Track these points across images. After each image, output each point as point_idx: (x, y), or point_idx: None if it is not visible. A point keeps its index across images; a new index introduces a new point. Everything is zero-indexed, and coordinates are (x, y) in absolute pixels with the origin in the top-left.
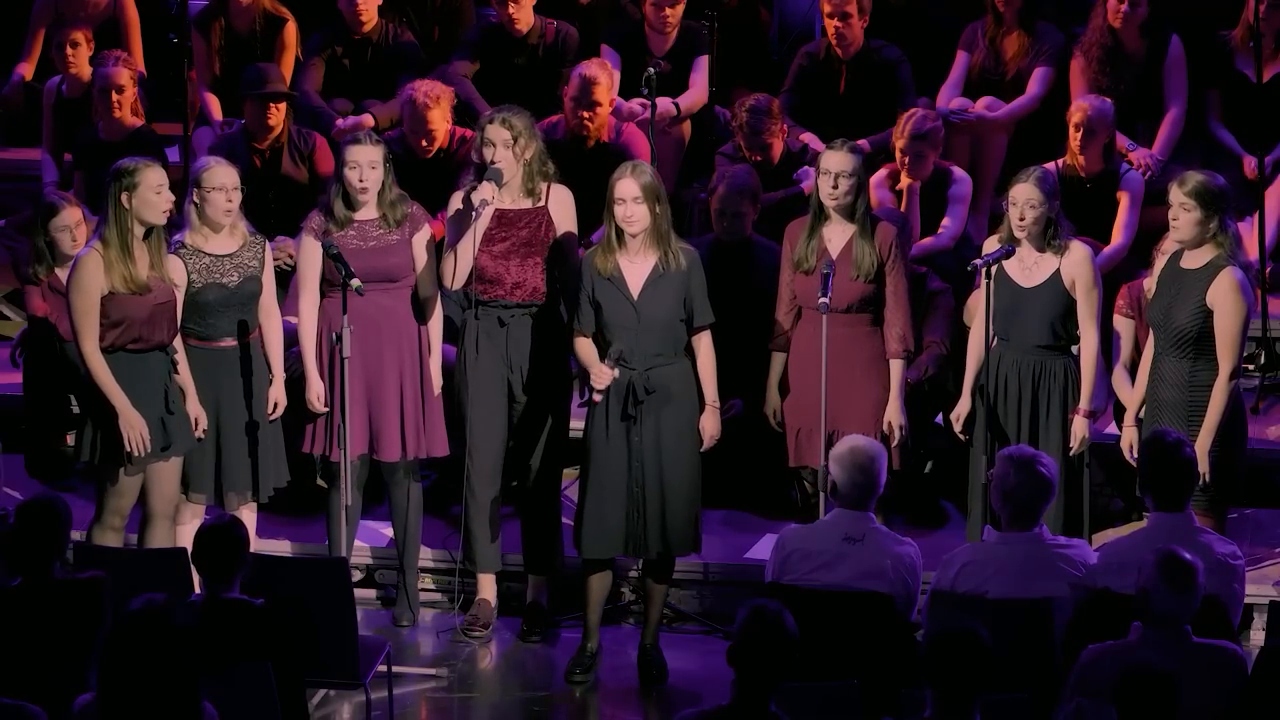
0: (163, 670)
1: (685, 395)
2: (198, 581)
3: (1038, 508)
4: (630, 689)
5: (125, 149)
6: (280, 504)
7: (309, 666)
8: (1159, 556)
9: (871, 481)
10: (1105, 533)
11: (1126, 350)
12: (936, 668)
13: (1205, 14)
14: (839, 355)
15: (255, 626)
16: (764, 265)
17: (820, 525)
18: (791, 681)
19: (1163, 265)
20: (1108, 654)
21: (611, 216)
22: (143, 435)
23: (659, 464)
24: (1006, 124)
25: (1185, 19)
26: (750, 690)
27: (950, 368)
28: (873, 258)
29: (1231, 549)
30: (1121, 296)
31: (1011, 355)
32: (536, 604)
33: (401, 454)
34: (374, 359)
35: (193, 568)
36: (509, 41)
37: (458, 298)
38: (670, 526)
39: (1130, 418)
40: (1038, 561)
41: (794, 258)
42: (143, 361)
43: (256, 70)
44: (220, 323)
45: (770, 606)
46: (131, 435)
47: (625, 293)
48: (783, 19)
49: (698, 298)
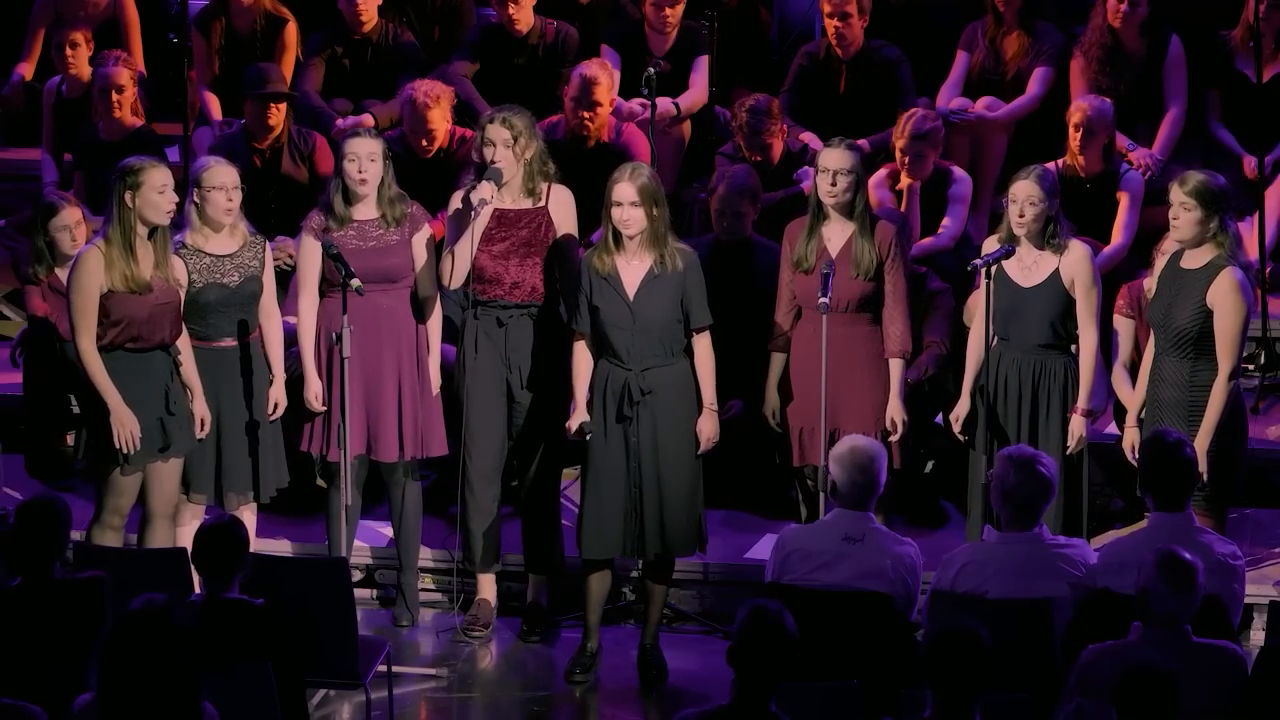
0: (163, 670)
1: (683, 397)
2: (198, 581)
3: (1038, 507)
4: (630, 689)
5: (125, 149)
6: (280, 504)
7: (309, 666)
8: (1159, 556)
9: (871, 481)
10: (1106, 534)
11: (1126, 350)
12: (936, 668)
13: (1205, 14)
14: (839, 354)
15: (255, 626)
16: (764, 265)
17: (820, 525)
18: (791, 681)
19: (1163, 265)
20: (1108, 654)
21: (609, 218)
22: (133, 433)
23: (656, 465)
24: (1006, 124)
25: (1185, 19)
26: (750, 690)
27: (950, 368)
28: (872, 256)
29: (1232, 549)
30: (1121, 296)
31: (1011, 355)
32: (536, 604)
33: (400, 454)
34: (373, 359)
35: (192, 568)
36: (509, 41)
37: (457, 297)
38: (669, 527)
39: (1131, 418)
40: (1038, 561)
41: (794, 257)
42: (143, 361)
43: (257, 70)
44: (220, 323)
45: (770, 606)
46: (121, 433)
47: (621, 293)
48: (783, 19)
49: (695, 299)
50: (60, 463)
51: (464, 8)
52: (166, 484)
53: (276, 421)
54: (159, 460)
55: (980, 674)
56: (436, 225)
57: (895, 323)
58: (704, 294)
